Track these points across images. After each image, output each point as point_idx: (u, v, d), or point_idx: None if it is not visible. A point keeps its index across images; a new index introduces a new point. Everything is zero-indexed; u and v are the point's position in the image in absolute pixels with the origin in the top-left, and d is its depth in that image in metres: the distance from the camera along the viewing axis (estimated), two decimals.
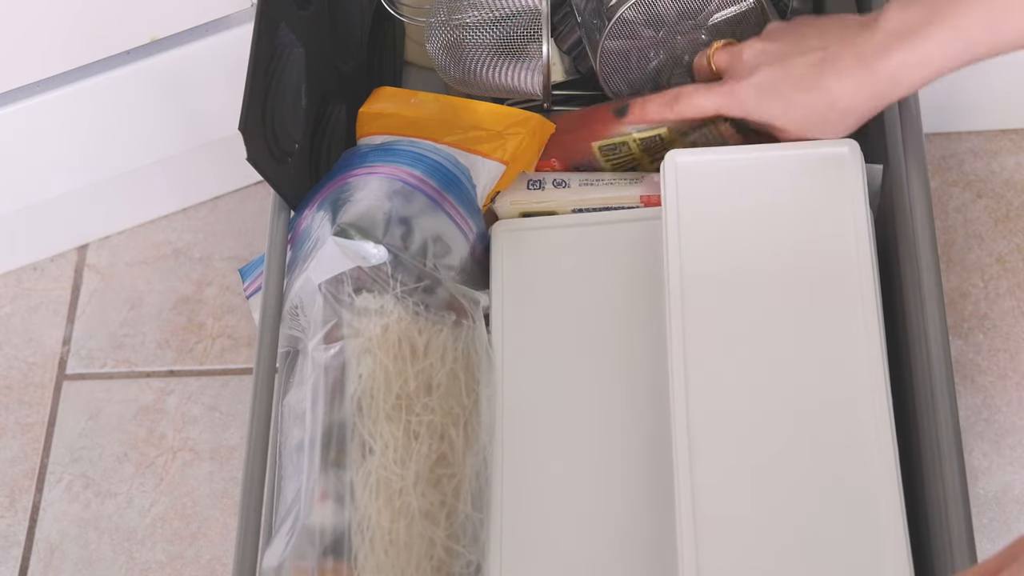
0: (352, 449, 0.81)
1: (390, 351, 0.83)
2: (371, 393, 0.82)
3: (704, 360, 0.83)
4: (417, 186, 0.88)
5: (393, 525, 0.80)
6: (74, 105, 1.14)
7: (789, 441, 0.81)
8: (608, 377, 0.89)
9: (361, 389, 0.82)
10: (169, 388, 1.24)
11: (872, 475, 0.79)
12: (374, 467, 0.81)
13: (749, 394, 0.82)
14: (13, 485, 1.21)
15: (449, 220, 0.89)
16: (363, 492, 0.80)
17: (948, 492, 0.80)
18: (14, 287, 1.31)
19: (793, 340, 0.84)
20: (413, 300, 0.84)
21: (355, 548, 0.79)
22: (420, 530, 0.81)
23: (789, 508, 0.79)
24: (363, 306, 0.83)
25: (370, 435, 0.81)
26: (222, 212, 1.33)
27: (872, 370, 0.82)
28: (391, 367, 0.83)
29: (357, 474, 0.80)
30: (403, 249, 0.85)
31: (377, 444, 0.81)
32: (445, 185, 0.89)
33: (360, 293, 0.84)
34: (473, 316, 0.87)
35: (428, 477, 0.82)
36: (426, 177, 0.89)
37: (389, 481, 0.81)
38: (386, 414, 0.82)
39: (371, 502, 0.80)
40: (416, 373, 0.83)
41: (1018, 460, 1.10)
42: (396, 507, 0.80)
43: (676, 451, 0.80)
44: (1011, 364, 1.14)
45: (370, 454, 0.81)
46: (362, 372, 0.82)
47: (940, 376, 0.84)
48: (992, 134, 1.25)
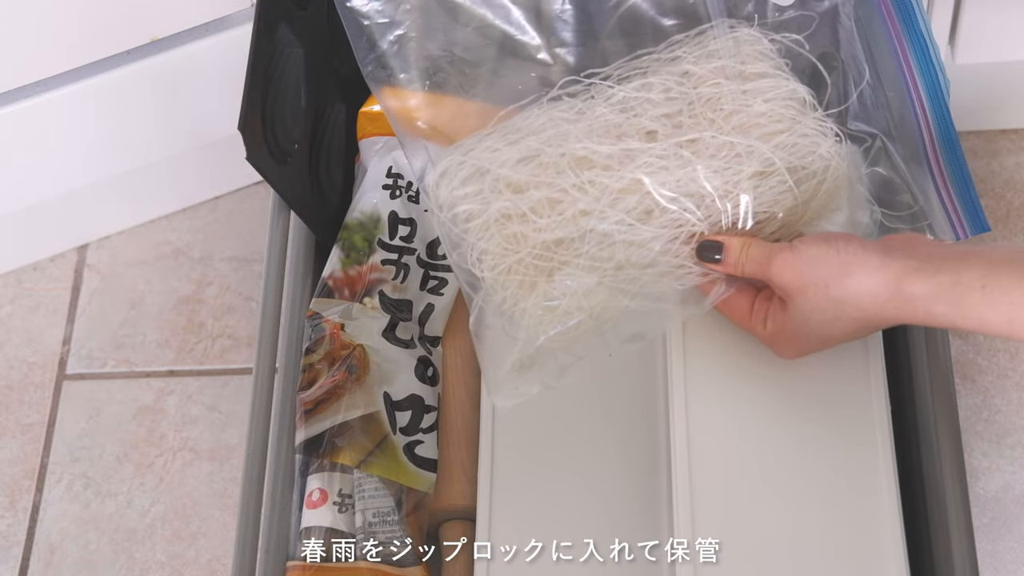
0: None
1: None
2: None
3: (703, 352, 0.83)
4: None
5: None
6: (74, 105, 1.14)
7: (786, 439, 0.81)
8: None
9: None
10: (169, 388, 1.24)
11: (871, 475, 0.79)
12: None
13: (747, 389, 0.82)
14: (13, 485, 1.21)
15: None
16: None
17: (948, 492, 0.80)
18: (14, 287, 1.31)
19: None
20: None
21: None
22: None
23: (786, 508, 0.79)
24: None
25: None
26: (222, 212, 1.33)
27: (872, 370, 0.83)
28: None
29: None
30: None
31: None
32: None
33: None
34: None
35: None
36: None
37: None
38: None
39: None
40: None
41: (1018, 460, 1.10)
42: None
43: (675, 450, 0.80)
44: (1011, 364, 1.14)
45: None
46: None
47: (940, 376, 0.84)
48: (992, 134, 1.25)
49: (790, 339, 0.78)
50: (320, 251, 0.97)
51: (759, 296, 0.80)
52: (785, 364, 0.81)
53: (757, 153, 0.78)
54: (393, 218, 0.97)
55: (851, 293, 0.73)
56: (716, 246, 0.78)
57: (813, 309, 0.75)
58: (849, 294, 0.74)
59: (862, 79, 0.84)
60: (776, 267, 0.76)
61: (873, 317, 0.74)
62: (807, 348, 0.79)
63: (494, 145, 0.80)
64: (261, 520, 0.86)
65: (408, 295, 0.95)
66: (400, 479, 0.87)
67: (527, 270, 0.78)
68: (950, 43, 1.11)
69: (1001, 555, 1.06)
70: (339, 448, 0.87)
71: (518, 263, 0.78)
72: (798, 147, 0.78)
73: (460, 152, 0.81)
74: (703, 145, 0.78)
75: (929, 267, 0.72)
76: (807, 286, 0.75)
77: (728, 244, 0.78)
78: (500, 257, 0.78)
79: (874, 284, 0.73)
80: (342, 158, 1.02)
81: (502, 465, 0.86)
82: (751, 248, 0.77)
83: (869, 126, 0.84)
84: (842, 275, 0.74)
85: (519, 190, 0.78)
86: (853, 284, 0.73)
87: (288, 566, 0.85)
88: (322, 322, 0.92)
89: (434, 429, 0.91)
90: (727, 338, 0.83)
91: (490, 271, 0.79)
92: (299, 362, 0.91)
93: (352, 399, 0.88)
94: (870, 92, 0.84)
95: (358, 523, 0.86)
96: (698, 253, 0.78)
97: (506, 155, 0.79)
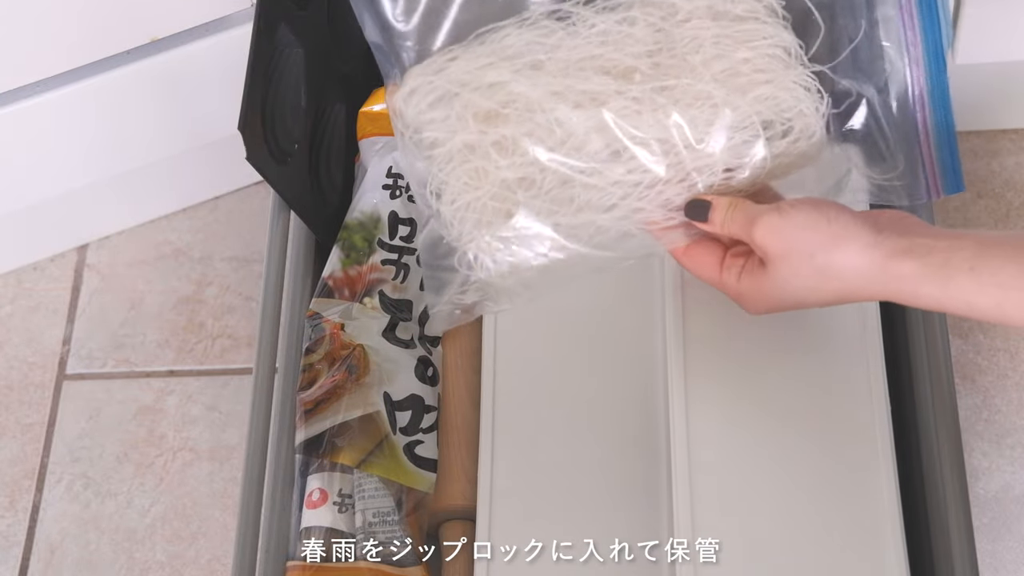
0: None
1: None
2: None
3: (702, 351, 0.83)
4: None
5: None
6: (74, 105, 1.14)
7: (786, 439, 0.81)
8: (608, 323, 0.89)
9: None
10: (169, 388, 1.24)
11: (871, 476, 0.79)
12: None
13: (746, 389, 0.82)
14: (13, 485, 1.21)
15: None
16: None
17: (948, 492, 0.80)
18: (14, 287, 1.31)
19: (792, 340, 0.84)
20: None
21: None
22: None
23: (786, 508, 0.79)
24: None
25: None
26: (222, 212, 1.33)
27: (872, 370, 0.83)
28: None
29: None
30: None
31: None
32: None
33: None
34: None
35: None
36: None
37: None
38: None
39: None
40: None
41: (1018, 460, 1.10)
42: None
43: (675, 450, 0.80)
44: (1011, 364, 1.14)
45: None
46: None
47: (940, 376, 0.84)
48: (992, 134, 1.25)
49: (763, 299, 0.76)
50: (320, 251, 0.97)
51: (730, 252, 0.78)
52: (785, 365, 0.81)
53: (734, 105, 0.76)
54: (393, 218, 0.97)
55: (837, 266, 0.72)
56: (705, 205, 0.77)
57: (794, 275, 0.74)
58: (835, 267, 0.72)
59: (859, 31, 0.81)
60: (760, 229, 0.74)
61: (855, 291, 0.73)
62: (779, 309, 0.77)
63: (466, 67, 0.78)
64: (261, 520, 0.86)
65: (408, 295, 0.95)
66: (400, 479, 0.87)
67: (485, 209, 0.77)
68: (950, 43, 1.11)
69: (1001, 555, 1.06)
70: (339, 448, 0.87)
71: (476, 200, 0.77)
72: (778, 101, 0.76)
73: (432, 70, 0.79)
74: (680, 92, 0.76)
75: (919, 247, 0.70)
76: (791, 251, 0.73)
77: (715, 203, 0.76)
78: (459, 192, 0.77)
79: (863, 261, 0.71)
80: (342, 158, 1.02)
81: (502, 465, 0.86)
82: (736, 209, 0.76)
83: (856, 81, 0.82)
84: (830, 247, 0.72)
85: (487, 119, 0.77)
86: (840, 257, 0.72)
87: (288, 566, 0.85)
88: (322, 322, 0.92)
89: (434, 429, 0.91)
90: (728, 339, 0.83)
91: (448, 205, 0.78)
92: (299, 362, 0.91)
93: (352, 399, 0.88)
94: (865, 40, 0.81)
95: (358, 523, 0.86)
96: (687, 211, 0.77)
97: (477, 80, 0.77)
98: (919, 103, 0.82)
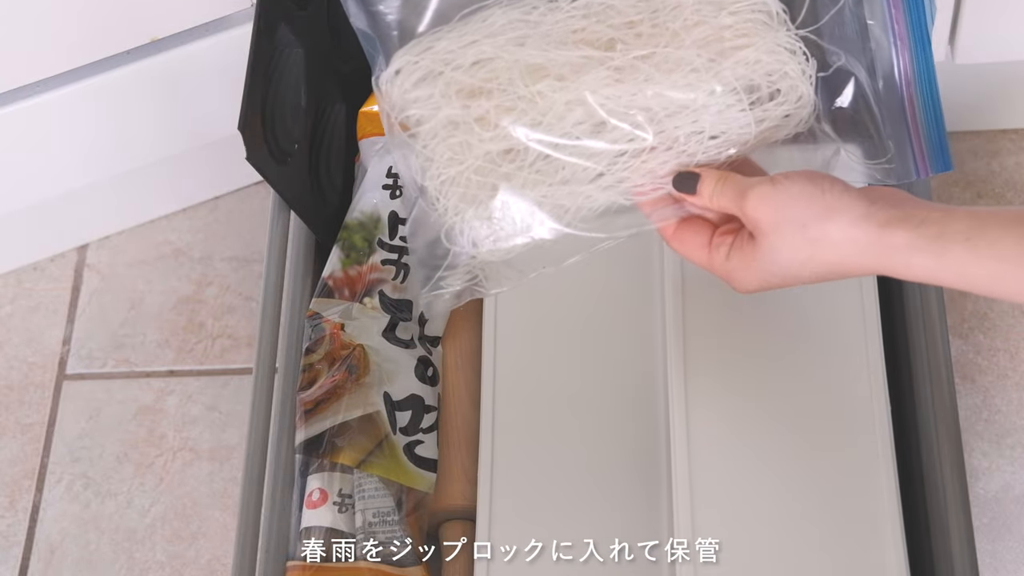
0: None
1: None
2: None
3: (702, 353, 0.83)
4: None
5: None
6: (74, 105, 1.14)
7: (786, 440, 0.81)
8: (607, 321, 0.89)
9: None
10: (169, 388, 1.24)
11: (871, 476, 0.80)
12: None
13: (747, 389, 0.82)
14: (13, 485, 1.21)
15: None
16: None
17: (948, 492, 0.81)
18: (14, 287, 1.31)
19: (793, 339, 0.84)
20: None
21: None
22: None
23: (786, 508, 0.79)
24: None
25: None
26: (222, 212, 1.33)
27: (872, 370, 0.83)
28: None
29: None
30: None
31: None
32: None
33: None
34: None
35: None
36: None
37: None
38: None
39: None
40: None
41: (1018, 460, 1.10)
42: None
43: (675, 450, 0.80)
44: (1011, 364, 1.14)
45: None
46: None
47: (940, 376, 0.84)
48: (992, 134, 1.25)
49: (754, 274, 0.75)
50: (320, 251, 0.97)
51: (719, 230, 0.77)
52: (786, 366, 0.81)
53: (715, 70, 0.75)
54: (393, 218, 0.97)
55: (830, 237, 0.71)
56: (694, 177, 0.76)
57: (786, 247, 0.72)
58: (828, 237, 0.71)
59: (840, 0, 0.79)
60: (753, 200, 0.73)
61: (847, 264, 0.72)
62: (769, 285, 0.75)
63: (450, 47, 0.78)
64: (261, 520, 0.86)
65: (408, 295, 0.95)
66: (400, 479, 0.87)
67: (470, 183, 0.76)
68: (950, 43, 1.11)
69: (1001, 555, 1.06)
70: (339, 448, 0.87)
71: (460, 174, 0.76)
72: (763, 64, 0.75)
73: (416, 51, 0.79)
74: (661, 59, 0.75)
75: (914, 218, 0.70)
76: (783, 222, 0.72)
77: (704, 176, 0.76)
78: (444, 167, 0.77)
79: (856, 232, 0.71)
80: (342, 158, 1.02)
81: (502, 465, 0.86)
82: (726, 182, 0.75)
83: (841, 54, 0.80)
84: (824, 217, 0.71)
85: (471, 95, 0.76)
86: (834, 228, 0.71)
87: (288, 566, 0.85)
88: (322, 322, 0.92)
89: (434, 429, 0.91)
90: (728, 338, 0.83)
91: (433, 180, 0.78)
92: (299, 362, 0.91)
93: (352, 399, 0.88)
94: (850, 15, 0.79)
95: (358, 523, 0.86)
96: (675, 184, 0.76)
97: (461, 58, 0.77)
98: (904, 80, 0.80)
